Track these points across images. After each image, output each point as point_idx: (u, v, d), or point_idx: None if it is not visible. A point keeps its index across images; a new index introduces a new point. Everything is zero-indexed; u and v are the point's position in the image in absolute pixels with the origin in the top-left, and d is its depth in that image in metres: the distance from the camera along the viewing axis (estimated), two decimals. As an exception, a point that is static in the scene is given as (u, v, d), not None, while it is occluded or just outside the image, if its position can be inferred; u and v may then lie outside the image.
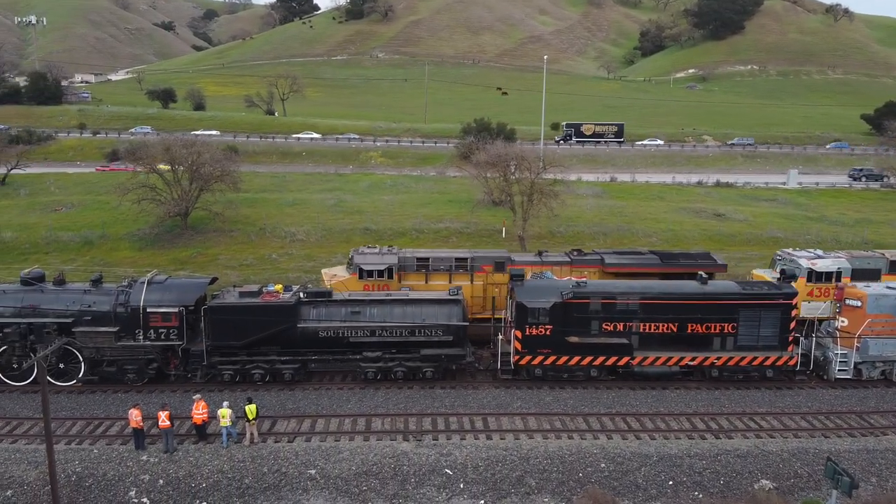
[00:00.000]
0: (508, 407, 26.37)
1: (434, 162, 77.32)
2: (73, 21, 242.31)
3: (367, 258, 32.50)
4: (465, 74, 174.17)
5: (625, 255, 33.97)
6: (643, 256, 33.69)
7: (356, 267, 32.14)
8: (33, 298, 27.37)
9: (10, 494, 20.67)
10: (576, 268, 32.65)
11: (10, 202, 54.27)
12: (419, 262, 32.83)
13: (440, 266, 32.78)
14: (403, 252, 33.75)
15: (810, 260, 32.67)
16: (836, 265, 32.36)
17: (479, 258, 33.08)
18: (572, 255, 33.88)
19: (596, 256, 33.49)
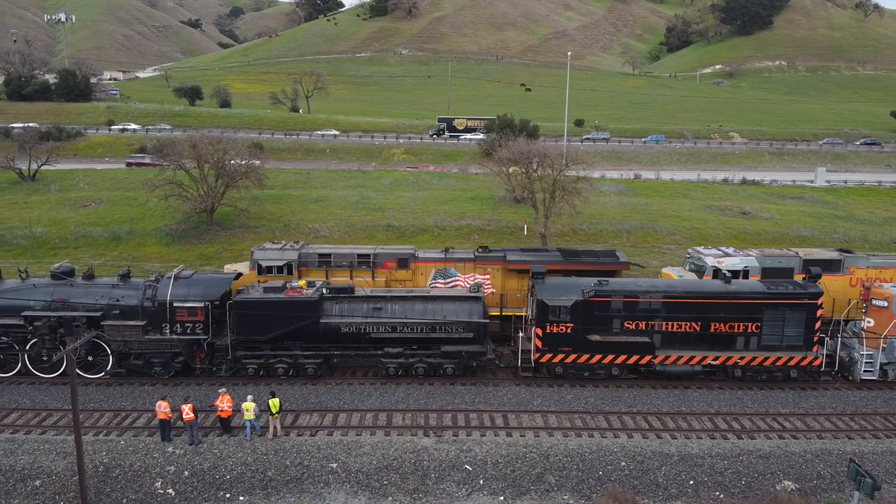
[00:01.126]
0: (529, 404, 26.42)
1: (456, 159, 77.39)
2: (101, 18, 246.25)
3: (266, 254, 32.61)
4: (488, 71, 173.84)
5: (527, 252, 34.00)
6: (545, 253, 33.71)
7: (255, 263, 32.36)
8: (63, 292, 28.01)
9: (39, 484, 21.22)
10: (479, 264, 32.76)
11: (40, 198, 55.46)
12: (321, 259, 32.85)
13: (342, 262, 32.82)
14: (305, 248, 33.77)
15: (716, 258, 32.55)
16: (743, 264, 32.05)
17: (381, 254, 33.11)
18: (477, 252, 33.87)
19: (499, 254, 33.35)
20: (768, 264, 32.33)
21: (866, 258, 33.26)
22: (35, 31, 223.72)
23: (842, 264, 32.56)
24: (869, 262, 32.92)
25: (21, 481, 21.23)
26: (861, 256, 33.36)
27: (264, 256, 32.40)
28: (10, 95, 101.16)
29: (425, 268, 32.72)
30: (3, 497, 20.74)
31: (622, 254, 33.96)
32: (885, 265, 32.84)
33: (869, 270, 32.46)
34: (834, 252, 33.88)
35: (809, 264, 31.77)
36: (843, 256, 32.99)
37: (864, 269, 32.51)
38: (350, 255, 33.05)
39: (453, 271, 31.94)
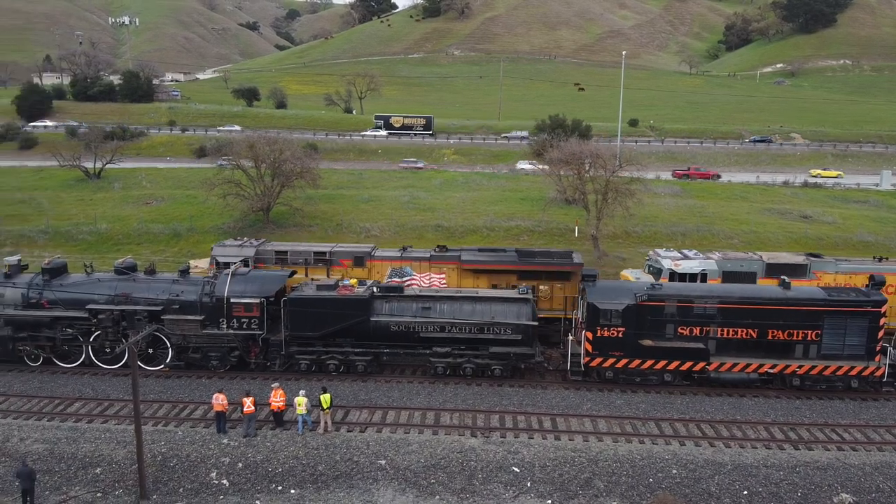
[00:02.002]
0: (578, 408, 26.20)
1: (506, 159, 77.18)
2: (163, 21, 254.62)
3: (224, 250, 33.34)
4: (540, 70, 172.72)
5: (483, 252, 34.04)
6: (500, 254, 33.53)
7: (213, 259, 33.08)
8: (126, 287, 29.11)
9: (100, 472, 22.07)
10: (435, 264, 32.72)
11: (105, 195, 57.70)
12: (277, 256, 33.33)
13: (298, 259, 33.16)
14: (264, 245, 34.34)
15: (674, 261, 32.03)
16: (701, 267, 31.48)
17: (338, 252, 33.48)
18: (434, 251, 33.85)
19: (455, 253, 33.29)
20: (729, 268, 31.58)
21: (835, 263, 32.22)
22: (100, 33, 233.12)
23: (808, 269, 31.73)
24: (838, 267, 31.93)
25: (82, 469, 22.13)
26: (830, 262, 32.41)
27: (222, 252, 33.37)
28: (77, 96, 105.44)
29: (381, 266, 32.89)
30: (66, 483, 21.56)
31: (578, 255, 33.96)
32: (855, 271, 31.66)
33: (838, 276, 31.60)
34: (801, 256, 33.06)
35: (773, 269, 31.19)
36: (809, 261, 32.16)
37: (832, 275, 31.66)
38: (306, 253, 33.56)
39: (409, 270, 32.13)
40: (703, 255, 33.20)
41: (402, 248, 34.90)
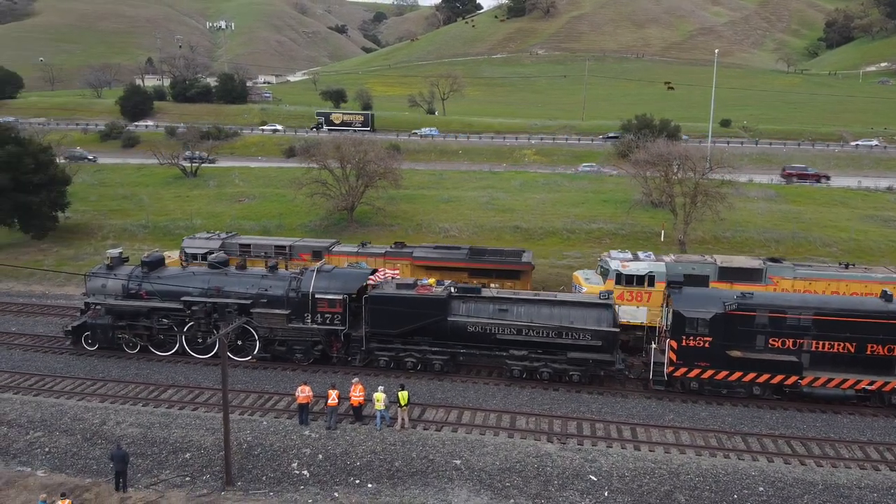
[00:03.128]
0: (660, 419, 25.48)
1: (590, 160, 75.81)
2: (257, 25, 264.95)
3: (193, 242, 35.52)
4: (627, 69, 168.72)
5: (435, 249, 35.27)
6: (451, 251, 34.76)
7: (182, 250, 35.27)
8: (218, 281, 30.47)
9: (189, 457, 23.20)
10: (389, 259, 34.12)
11: (200, 192, 60.60)
12: (241, 248, 35.14)
13: (260, 252, 34.81)
14: (230, 238, 36.27)
15: (623, 262, 31.71)
16: (648, 269, 31.02)
17: (298, 246, 35.11)
18: (390, 248, 35.19)
19: (409, 250, 34.63)
20: (680, 271, 30.75)
21: (793, 269, 31.22)
22: (198, 37, 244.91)
23: (763, 274, 30.88)
24: (796, 272, 30.97)
25: (173, 453, 23.32)
26: (788, 267, 31.34)
27: (190, 244, 35.59)
28: (176, 97, 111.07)
29: (338, 261, 34.05)
30: (157, 467, 22.78)
31: (529, 254, 34.39)
32: (814, 276, 30.67)
33: (796, 281, 30.67)
34: (757, 261, 32.25)
35: (726, 273, 30.64)
36: (765, 266, 31.26)
37: (790, 280, 30.71)
38: (268, 246, 35.31)
39: (364, 265, 33.29)
40: (655, 257, 32.59)
41: (361, 243, 36.84)
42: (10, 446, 23.96)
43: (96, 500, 20.98)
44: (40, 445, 23.91)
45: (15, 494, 21.23)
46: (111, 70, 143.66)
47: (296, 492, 21.57)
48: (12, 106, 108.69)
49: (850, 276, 30.80)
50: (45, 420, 25.00)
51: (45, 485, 21.30)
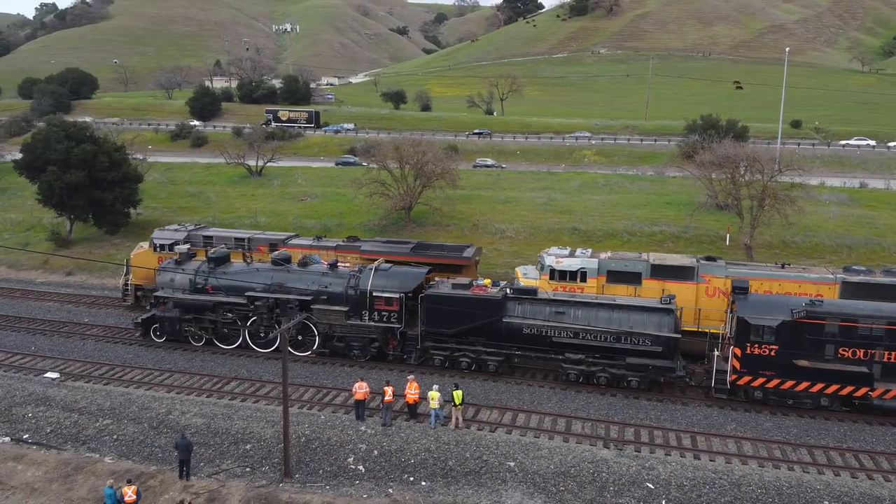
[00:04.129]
0: (721, 428, 24.78)
1: (652, 161, 74.22)
2: (321, 28, 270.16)
3: (162, 234, 37.72)
4: (693, 68, 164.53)
5: (383, 243, 36.25)
6: (397, 245, 35.61)
7: (151, 241, 37.45)
8: (281, 277, 31.23)
9: (249, 448, 23.83)
10: (340, 252, 35.00)
11: (265, 191, 62.19)
12: (205, 240, 37.06)
13: (220, 243, 36.28)
14: (196, 230, 38.21)
15: (557, 258, 32.19)
16: (580, 265, 31.44)
17: (256, 238, 36.95)
18: (342, 241, 36.65)
19: (358, 244, 35.88)
20: (613, 267, 31.35)
21: (725, 267, 30.90)
22: (264, 39, 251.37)
23: (695, 272, 30.63)
24: (728, 271, 30.57)
25: (234, 444, 24.00)
26: (720, 265, 31.04)
27: (159, 236, 37.66)
28: (243, 98, 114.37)
29: (294, 253, 34.83)
30: (218, 457, 23.47)
31: (472, 249, 35.05)
32: (748, 275, 29.95)
33: (727, 280, 29.97)
34: (689, 258, 32.28)
35: (658, 270, 30.88)
36: (697, 264, 31.05)
37: (721, 279, 30.33)
38: (228, 238, 37.04)
39: (317, 258, 33.87)
40: (587, 253, 32.96)
41: (316, 237, 38.26)
42: (80, 433, 25.11)
43: (161, 487, 21.75)
44: (109, 433, 24.97)
45: (83, 480, 22.23)
46: (182, 72, 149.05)
47: (351, 486, 21.89)
48: (88, 106, 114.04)
49: (783, 275, 30.21)
50: (113, 408, 26.11)
51: (113, 471, 22.18)
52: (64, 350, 32.38)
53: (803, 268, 32.12)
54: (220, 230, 39.90)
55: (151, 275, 35.26)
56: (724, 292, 29.65)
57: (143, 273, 36.85)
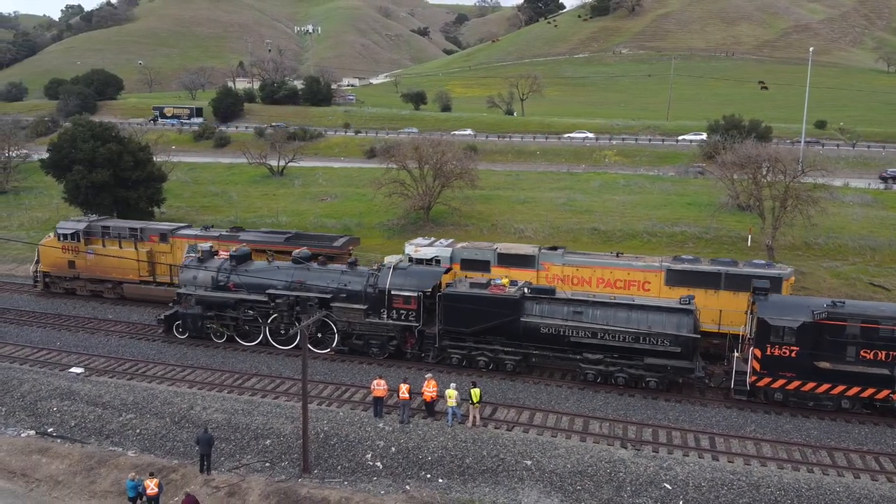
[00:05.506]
0: (740, 429, 24.63)
1: (673, 161, 73.65)
2: (343, 29, 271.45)
3: (66, 224, 40.35)
4: (716, 68, 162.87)
5: (263, 234, 38.68)
6: (273, 235, 38.06)
7: (56, 231, 39.95)
8: (301, 275, 31.57)
9: (269, 443, 24.15)
10: (222, 242, 36.86)
11: (286, 191, 62.79)
12: (103, 230, 39.53)
13: (117, 234, 39.12)
14: (96, 221, 40.67)
15: (416, 247, 34.53)
16: (434, 253, 33.59)
17: (148, 229, 39.36)
18: (224, 231, 39.32)
19: (237, 234, 38.17)
20: (466, 255, 33.83)
21: (562, 255, 33.17)
22: (286, 41, 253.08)
23: (536, 260, 32.93)
24: (564, 259, 32.91)
25: (254, 439, 24.33)
26: (558, 254, 33.34)
27: (63, 226, 40.26)
28: (265, 99, 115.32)
29: (182, 243, 38.07)
30: (239, 451, 23.83)
31: (344, 240, 37.07)
32: (581, 263, 32.70)
33: (565, 268, 32.70)
34: (531, 248, 34.43)
35: (503, 258, 33.20)
36: (537, 252, 33.29)
37: (559, 266, 32.81)
38: (122, 228, 39.54)
39: (205, 246, 35.42)
40: (447, 243, 35.43)
41: (204, 227, 40.86)
42: (104, 427, 25.61)
43: (182, 480, 22.14)
44: (132, 427, 25.44)
45: (106, 473, 22.68)
46: (205, 73, 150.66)
47: (369, 482, 22.10)
48: (113, 106, 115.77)
49: (614, 263, 32.34)
50: (137, 403, 26.59)
51: (135, 464, 22.61)
52: (89, 346, 33.01)
53: (636, 257, 33.95)
54: (116, 221, 42.64)
55: (58, 262, 39.95)
56: (560, 278, 32.31)
57: (49, 261, 40.30)
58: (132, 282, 38.96)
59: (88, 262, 39.40)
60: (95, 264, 39.27)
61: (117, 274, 39.10)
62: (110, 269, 38.95)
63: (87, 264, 39.47)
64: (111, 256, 37.81)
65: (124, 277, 39.11)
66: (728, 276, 30.18)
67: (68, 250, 39.55)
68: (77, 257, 39.55)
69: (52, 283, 40.66)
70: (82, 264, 39.56)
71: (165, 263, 38.62)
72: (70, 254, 39.58)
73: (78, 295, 40.28)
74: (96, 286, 40.02)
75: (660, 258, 33.20)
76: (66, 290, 40.59)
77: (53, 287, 40.63)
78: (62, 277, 40.38)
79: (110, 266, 38.71)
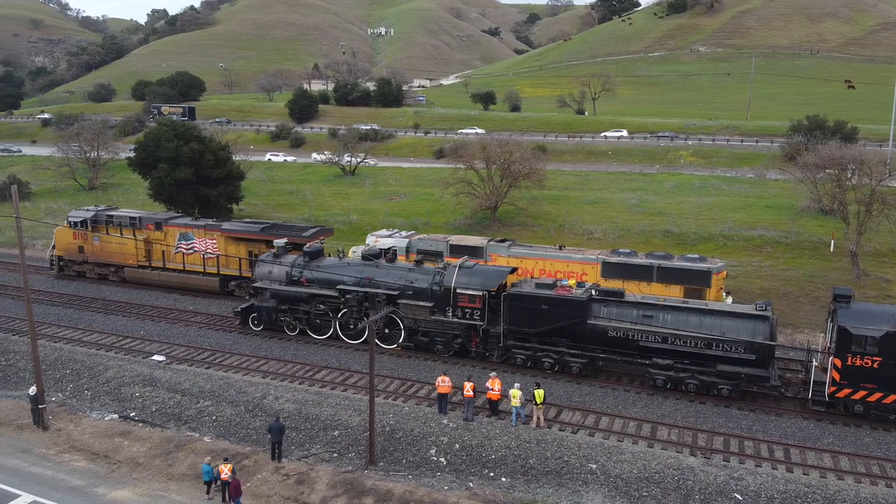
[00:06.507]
0: (817, 441, 23.65)
1: (752, 162, 71.10)
2: (415, 31, 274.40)
3: (77, 213, 43.90)
4: (799, 66, 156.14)
5: (242, 223, 42.02)
6: (250, 225, 41.12)
7: (67, 219, 43.62)
8: (370, 272, 32.22)
9: (337, 434, 24.74)
10: (208, 231, 40.31)
11: (358, 190, 64.08)
12: (107, 219, 42.75)
13: (119, 222, 42.48)
14: (102, 210, 43.92)
15: (377, 237, 38.10)
16: (390, 244, 36.36)
17: (145, 218, 42.43)
18: (211, 221, 42.22)
19: (220, 223, 41.24)
20: (421, 246, 36.53)
21: (508, 248, 35.27)
22: (359, 43, 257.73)
23: (484, 251, 35.11)
24: (510, 251, 35.05)
25: (323, 430, 24.98)
26: (504, 246, 35.47)
27: (74, 215, 43.82)
28: (338, 101, 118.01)
29: (174, 231, 41.27)
30: (308, 441, 24.49)
31: (314, 230, 39.35)
32: (525, 255, 34.73)
33: (510, 259, 34.56)
34: (478, 239, 36.98)
35: (455, 249, 35.56)
36: (485, 244, 35.50)
37: (504, 258, 34.76)
38: (123, 217, 42.77)
39: (191, 235, 40.27)
40: (404, 234, 38.33)
41: (193, 217, 43.74)
42: (182, 412, 26.84)
43: (254, 466, 22.96)
44: (208, 414, 26.56)
45: (184, 456, 23.75)
46: (282, 75, 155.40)
47: (432, 477, 22.36)
48: (195, 107, 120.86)
49: (555, 255, 34.24)
50: (213, 391, 27.74)
51: (211, 450, 23.57)
52: (170, 335, 34.64)
53: (578, 250, 35.93)
54: (120, 210, 45.75)
55: (70, 247, 43.94)
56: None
57: (63, 246, 44.39)
58: (132, 266, 42.45)
59: (94, 248, 43.31)
60: (101, 249, 43.23)
61: (119, 259, 42.96)
62: (113, 254, 42.98)
63: (93, 249, 43.36)
64: (112, 243, 42.57)
65: (125, 262, 42.80)
66: (660, 269, 31.88)
67: (78, 237, 43.54)
68: (86, 243, 43.48)
69: (66, 266, 44.77)
70: (90, 249, 43.46)
71: (160, 249, 41.99)
72: (80, 240, 43.56)
73: (87, 277, 44.17)
74: (102, 269, 43.77)
75: (598, 251, 34.99)
76: (77, 273, 44.49)
77: (67, 270, 44.77)
78: (73, 261, 44.35)
79: (113, 251, 42.88)
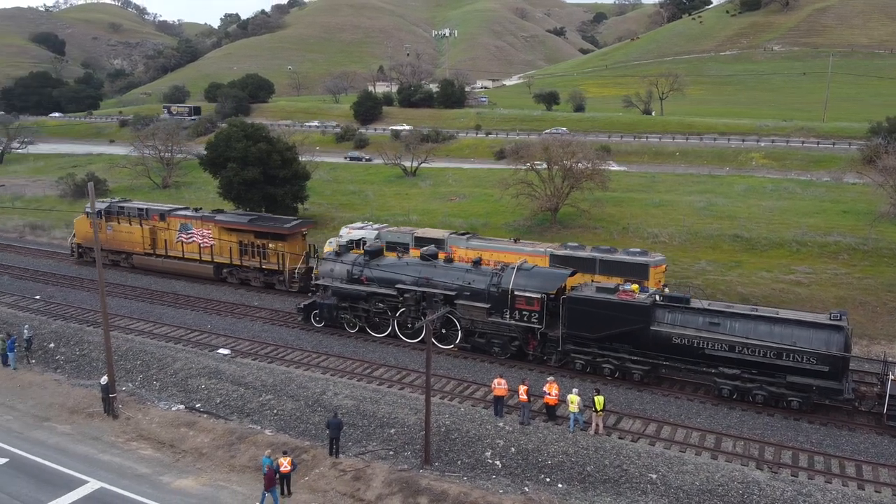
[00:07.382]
0: (891, 458, 22.47)
1: (828, 165, 67.92)
2: (479, 32, 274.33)
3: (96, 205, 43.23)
4: (879, 66, 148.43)
5: (234, 215, 44.77)
6: (240, 216, 43.71)
7: (86, 210, 45.33)
8: (428, 272, 32.35)
9: (393, 432, 24.90)
10: (204, 222, 43.17)
11: (418, 191, 64.46)
12: (118, 210, 46.18)
13: (128, 213, 45.87)
14: (117, 202, 47.49)
15: (350, 229, 40.97)
16: (360, 235, 39.54)
17: (151, 210, 45.60)
18: (207, 213, 44.78)
19: (215, 215, 44.06)
20: (388, 238, 39.08)
21: (467, 240, 37.79)
22: (423, 44, 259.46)
23: (445, 243, 37.32)
24: (468, 243, 37.51)
25: (380, 427, 25.19)
26: (463, 238, 38.11)
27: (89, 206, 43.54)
28: (402, 102, 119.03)
29: (175, 222, 44.31)
30: (365, 438, 24.74)
31: (296, 222, 41.99)
32: (481, 247, 36.89)
33: (468, 251, 36.65)
34: (441, 231, 39.72)
35: (419, 241, 37.86)
36: (447, 237, 38.04)
37: (463, 249, 36.98)
38: (133, 208, 46.10)
39: (190, 226, 43.11)
40: (374, 226, 41.13)
41: (194, 209, 46.09)
42: (245, 405, 27.54)
43: (312, 461, 23.33)
44: (270, 407, 27.17)
45: (245, 448, 24.34)
46: (348, 77, 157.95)
47: (487, 480, 22.21)
48: (265, 109, 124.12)
49: (509, 248, 36.52)
50: (275, 385, 28.37)
51: (271, 443, 24.07)
52: (235, 330, 35.64)
53: (531, 244, 37.82)
54: (132, 202, 49.12)
55: (87, 236, 47.02)
56: (465, 260, 34.72)
57: (81, 234, 48.09)
58: (139, 253, 46.08)
59: (108, 237, 46.48)
60: (113, 238, 46.72)
61: (128, 246, 46.58)
62: (123, 242, 46.62)
63: (107, 238, 46.33)
64: (123, 232, 46.36)
65: (133, 250, 46.39)
66: (602, 261, 34.15)
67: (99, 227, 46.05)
68: (100, 232, 45.22)
69: (84, 253, 48.57)
70: (103, 238, 45.78)
71: (163, 238, 44.98)
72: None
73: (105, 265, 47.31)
74: (114, 256, 47.29)
75: (550, 245, 37.06)
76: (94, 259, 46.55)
77: (85, 256, 48.56)
78: (90, 248, 47.09)
79: (123, 240, 46.55)
